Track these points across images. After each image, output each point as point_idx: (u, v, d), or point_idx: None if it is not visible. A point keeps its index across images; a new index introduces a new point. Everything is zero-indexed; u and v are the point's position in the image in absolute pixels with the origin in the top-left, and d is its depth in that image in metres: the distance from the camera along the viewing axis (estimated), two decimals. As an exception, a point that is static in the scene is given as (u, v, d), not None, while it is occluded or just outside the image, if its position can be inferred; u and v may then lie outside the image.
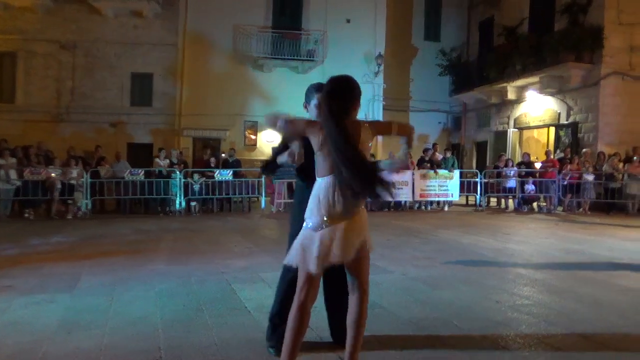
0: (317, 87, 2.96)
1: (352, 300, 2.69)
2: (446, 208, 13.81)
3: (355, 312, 2.66)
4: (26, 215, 11.13)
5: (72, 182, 11.53)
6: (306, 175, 2.86)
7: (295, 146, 2.81)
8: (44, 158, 12.02)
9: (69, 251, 6.92)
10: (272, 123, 2.62)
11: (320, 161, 2.57)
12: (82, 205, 11.66)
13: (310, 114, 2.97)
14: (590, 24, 14.28)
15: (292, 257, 2.60)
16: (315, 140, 2.56)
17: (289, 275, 2.93)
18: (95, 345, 3.28)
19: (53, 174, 11.30)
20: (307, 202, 2.61)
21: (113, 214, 12.26)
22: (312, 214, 2.55)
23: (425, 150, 14.45)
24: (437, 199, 13.83)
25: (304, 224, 2.59)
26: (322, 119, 2.56)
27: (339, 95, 2.57)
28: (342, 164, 2.44)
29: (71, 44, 17.11)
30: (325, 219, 2.49)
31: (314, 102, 2.94)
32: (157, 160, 13.27)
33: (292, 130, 2.67)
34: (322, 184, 2.55)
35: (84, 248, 7.20)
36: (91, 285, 4.93)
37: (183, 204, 12.28)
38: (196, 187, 12.42)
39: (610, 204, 13.12)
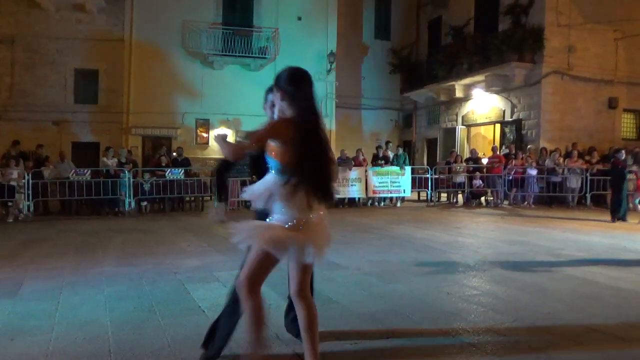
0: None
1: (300, 305, 2.59)
2: (399, 204, 14.08)
3: (307, 317, 2.58)
4: (-38, 219, 10.52)
5: (12, 183, 10.97)
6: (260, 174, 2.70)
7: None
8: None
9: (9, 256, 6.58)
10: (232, 150, 2.36)
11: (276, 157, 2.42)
12: (23, 208, 11.12)
13: (269, 112, 2.79)
14: (532, 25, 14.93)
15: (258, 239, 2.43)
16: (282, 139, 2.38)
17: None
18: (41, 351, 3.15)
19: (-9, 175, 10.73)
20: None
21: (58, 215, 11.75)
22: (279, 212, 2.43)
23: (378, 148, 14.66)
24: (389, 195, 14.07)
25: (272, 219, 2.47)
26: (302, 108, 2.42)
27: (310, 83, 2.49)
28: (317, 162, 2.40)
29: (9, 38, 16.24)
30: (295, 220, 2.39)
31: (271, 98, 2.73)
32: (104, 159, 12.83)
33: (260, 146, 2.42)
34: (281, 181, 2.40)
35: (26, 252, 6.87)
36: (35, 290, 4.72)
37: (133, 204, 11.94)
38: (146, 186, 12.11)
39: (552, 197, 13.77)
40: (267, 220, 2.48)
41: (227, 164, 3.05)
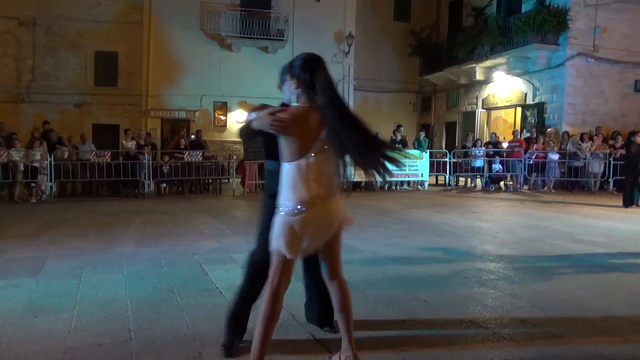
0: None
1: (333, 287, 2.61)
2: (420, 188, 14.04)
3: (340, 298, 2.59)
4: (-13, 199, 10.77)
5: (36, 164, 11.18)
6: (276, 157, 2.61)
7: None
8: (4, 140, 11.58)
9: (33, 235, 6.74)
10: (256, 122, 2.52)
11: (290, 144, 2.40)
12: (46, 189, 11.34)
13: (286, 92, 2.65)
14: (557, 5, 14.52)
15: (274, 242, 2.45)
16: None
17: (252, 273, 2.95)
18: (63, 328, 3.22)
19: (15, 157, 10.93)
20: (276, 188, 2.50)
21: (79, 196, 11.97)
22: (285, 199, 2.41)
23: (395, 131, 14.44)
24: (407, 179, 14.00)
25: (278, 210, 2.45)
26: (320, 90, 2.38)
27: (324, 67, 2.46)
28: (350, 138, 2.36)
29: (30, 20, 16.43)
30: (299, 205, 2.36)
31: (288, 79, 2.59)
32: (123, 142, 12.99)
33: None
34: (293, 169, 2.40)
35: (49, 232, 7.02)
36: (57, 269, 4.82)
37: (152, 186, 12.08)
38: (165, 168, 12.23)
39: (573, 182, 13.54)
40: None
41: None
